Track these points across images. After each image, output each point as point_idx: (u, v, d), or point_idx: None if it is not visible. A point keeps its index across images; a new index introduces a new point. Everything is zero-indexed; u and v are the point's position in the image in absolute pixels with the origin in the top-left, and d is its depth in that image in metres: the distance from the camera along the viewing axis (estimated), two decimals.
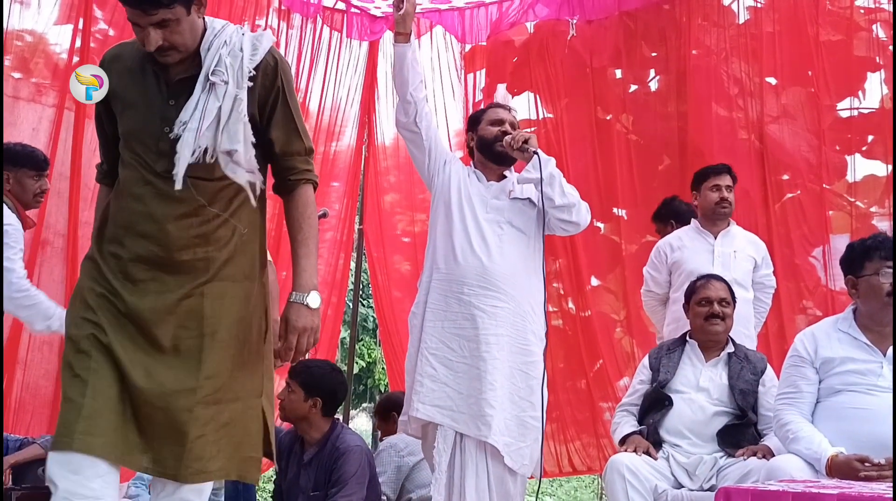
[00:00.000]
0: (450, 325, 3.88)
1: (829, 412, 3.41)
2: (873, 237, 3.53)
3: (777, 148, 5.83)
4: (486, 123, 4.11)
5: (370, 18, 7.32)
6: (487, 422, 3.74)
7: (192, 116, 2.52)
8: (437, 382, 3.83)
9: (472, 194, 4.02)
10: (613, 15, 6.50)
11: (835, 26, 5.78)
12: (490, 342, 3.82)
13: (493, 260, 3.90)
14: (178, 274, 2.57)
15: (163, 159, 2.54)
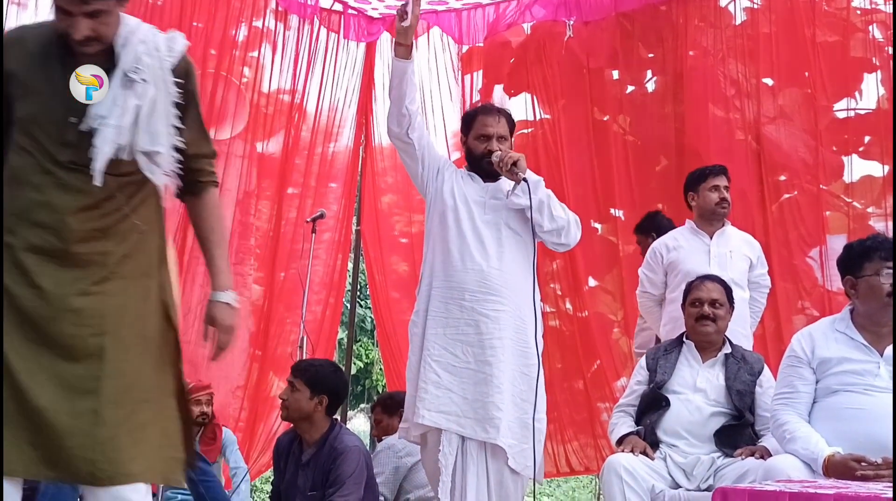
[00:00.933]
0: (452, 331, 3.88)
1: (826, 412, 3.42)
2: (872, 238, 3.53)
3: (774, 149, 5.84)
4: (473, 137, 4.09)
5: (367, 20, 7.32)
6: (496, 425, 3.77)
7: (112, 111, 2.47)
8: (441, 388, 3.83)
9: (468, 197, 4.02)
10: (610, 16, 6.51)
11: (831, 27, 5.80)
12: (495, 347, 3.84)
13: (492, 264, 3.91)
14: (74, 268, 2.49)
15: (67, 149, 2.48)
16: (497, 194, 4.03)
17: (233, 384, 6.65)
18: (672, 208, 5.91)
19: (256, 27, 6.89)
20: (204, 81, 6.53)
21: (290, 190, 6.99)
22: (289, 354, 6.37)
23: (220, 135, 6.63)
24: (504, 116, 4.16)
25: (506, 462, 3.82)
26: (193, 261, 6.45)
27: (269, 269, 6.82)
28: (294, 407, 4.19)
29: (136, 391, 2.50)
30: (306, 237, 6.22)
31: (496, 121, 4.10)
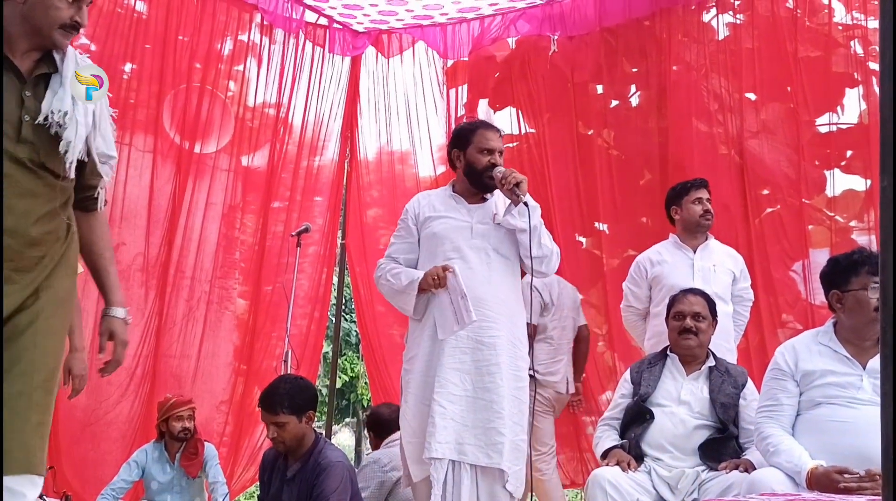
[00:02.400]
0: (450, 360, 3.89)
1: (810, 424, 3.43)
2: (859, 252, 3.54)
3: (757, 163, 5.87)
4: (476, 150, 4.10)
5: (352, 34, 7.34)
6: (499, 450, 3.81)
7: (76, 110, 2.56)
8: (445, 418, 3.84)
9: (453, 226, 4.04)
10: (594, 31, 6.54)
11: (813, 43, 5.83)
12: (493, 372, 3.87)
13: (485, 290, 3.92)
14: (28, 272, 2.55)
15: (24, 147, 2.53)
16: (484, 219, 4.04)
17: (217, 399, 6.62)
18: (656, 222, 5.94)
19: (242, 41, 6.89)
20: (189, 94, 6.54)
21: (276, 204, 6.99)
22: (273, 368, 6.35)
23: (205, 149, 6.63)
24: (500, 134, 4.22)
25: (502, 483, 3.83)
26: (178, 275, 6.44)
27: (255, 283, 6.81)
28: (290, 438, 4.12)
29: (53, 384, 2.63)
30: (291, 251, 6.21)
31: (497, 137, 4.17)
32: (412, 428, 3.96)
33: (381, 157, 7.50)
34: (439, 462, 3.81)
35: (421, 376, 3.96)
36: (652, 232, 5.85)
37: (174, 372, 6.42)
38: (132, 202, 6.29)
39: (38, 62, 2.60)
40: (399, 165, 7.47)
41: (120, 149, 6.26)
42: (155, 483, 5.23)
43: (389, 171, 7.48)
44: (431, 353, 3.94)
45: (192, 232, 6.53)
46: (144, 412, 6.12)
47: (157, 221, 6.39)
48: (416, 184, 7.28)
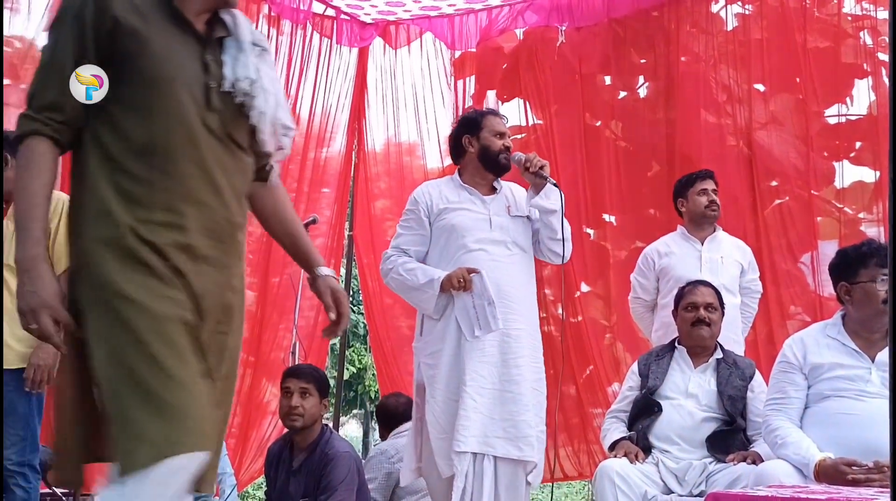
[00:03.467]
0: (478, 353, 3.87)
1: (818, 417, 3.43)
2: (868, 244, 3.53)
3: (765, 154, 5.85)
4: (490, 133, 4.10)
5: (360, 25, 7.33)
6: (530, 442, 3.84)
7: (263, 78, 2.29)
8: (476, 412, 3.83)
9: (472, 218, 4.03)
10: (602, 22, 6.51)
11: (822, 33, 5.81)
12: (519, 365, 3.89)
13: (508, 283, 3.92)
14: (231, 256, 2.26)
15: (214, 116, 2.22)
16: (500, 211, 4.04)
17: None
18: (663, 214, 5.93)
19: None
20: None
21: None
22: (282, 359, 6.35)
23: None
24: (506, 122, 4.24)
25: (524, 474, 3.84)
26: None
27: (263, 274, 6.81)
28: (310, 414, 4.13)
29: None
30: None
31: (505, 124, 4.18)
32: (441, 425, 3.90)
33: (389, 148, 7.49)
34: (464, 455, 3.80)
35: (448, 371, 3.91)
36: (659, 224, 5.84)
37: None
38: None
39: (211, 24, 2.30)
40: (407, 156, 7.46)
41: None
42: None
43: (397, 162, 7.47)
44: (458, 348, 3.90)
45: None
46: None
47: None
48: (423, 175, 7.27)
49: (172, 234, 2.12)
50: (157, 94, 2.15)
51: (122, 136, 2.14)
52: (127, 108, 2.15)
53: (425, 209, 4.11)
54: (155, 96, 2.15)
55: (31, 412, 4.01)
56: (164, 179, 2.13)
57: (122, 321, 2.04)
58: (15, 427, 3.94)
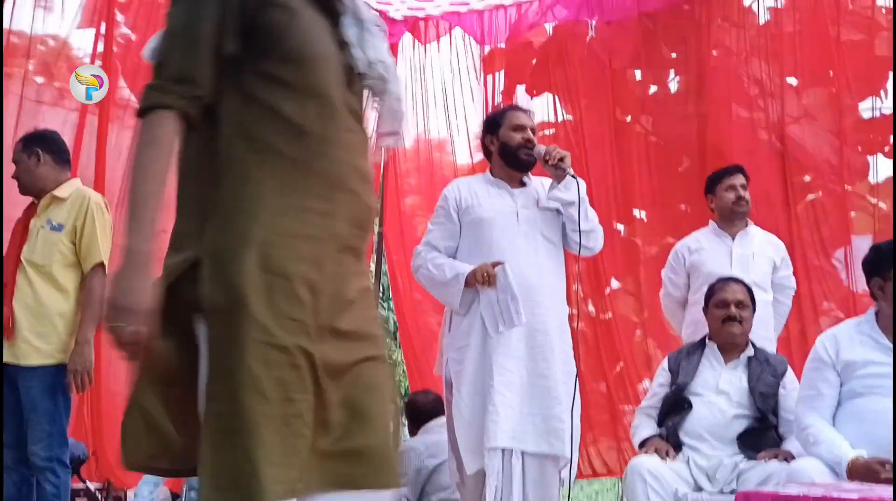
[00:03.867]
0: (505, 349, 3.86)
1: (851, 415, 3.40)
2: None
3: (798, 149, 5.79)
4: (508, 128, 4.09)
5: (389, 21, 7.32)
6: (561, 437, 3.81)
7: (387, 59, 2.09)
8: (506, 407, 3.81)
9: (498, 210, 4.02)
10: (633, 16, 6.48)
11: (856, 26, 5.75)
12: (547, 358, 3.86)
13: (535, 277, 3.91)
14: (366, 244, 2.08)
15: (354, 97, 2.02)
16: (528, 204, 4.02)
17: None
18: (694, 209, 5.89)
19: None
20: None
21: None
22: None
23: None
24: (530, 115, 4.21)
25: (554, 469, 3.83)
26: None
27: None
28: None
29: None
30: None
31: (526, 116, 4.17)
32: (467, 420, 3.89)
33: (419, 145, 7.50)
34: (495, 451, 3.78)
35: (475, 366, 3.90)
36: (690, 219, 5.80)
37: None
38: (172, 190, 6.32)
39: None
40: (436, 152, 7.46)
41: None
42: None
43: (427, 158, 7.48)
44: (485, 343, 3.89)
45: None
46: None
47: None
48: (453, 171, 7.27)
49: (325, 223, 1.89)
50: (306, 71, 1.93)
51: (270, 114, 1.90)
52: (272, 84, 1.91)
53: (454, 205, 4.12)
54: (304, 74, 1.92)
55: (58, 409, 4.06)
56: (319, 163, 1.91)
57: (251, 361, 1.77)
58: (41, 423, 3.98)
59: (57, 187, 4.18)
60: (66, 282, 4.11)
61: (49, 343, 4.02)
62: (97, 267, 4.13)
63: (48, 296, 4.05)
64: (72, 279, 4.14)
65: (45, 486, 3.98)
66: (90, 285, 4.13)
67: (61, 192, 4.17)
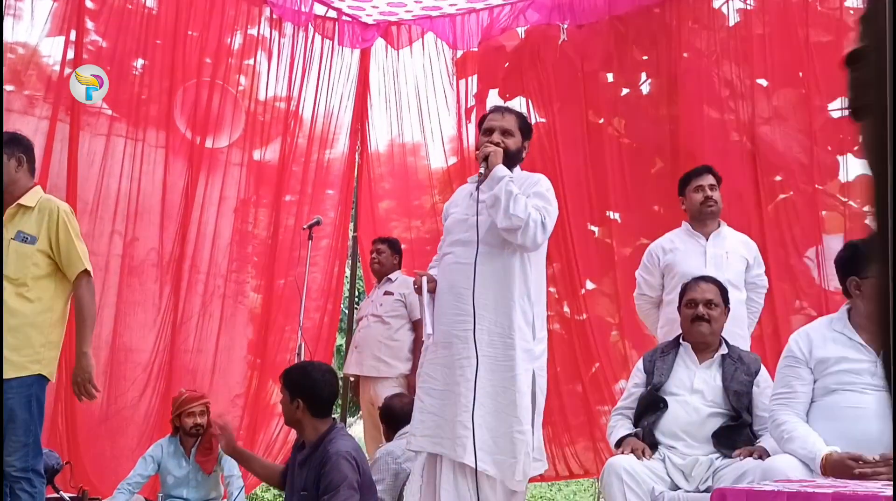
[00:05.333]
0: (431, 356, 3.98)
1: (824, 411, 3.42)
2: None
3: (769, 149, 5.84)
4: (481, 132, 4.13)
5: (361, 26, 7.34)
6: (462, 443, 3.78)
7: None
8: (424, 412, 3.92)
9: (454, 219, 4.08)
10: (604, 19, 6.52)
11: (825, 27, 5.80)
12: (463, 366, 3.85)
13: (465, 284, 3.89)
14: None
15: None
16: (482, 209, 3.97)
17: (233, 393, 6.66)
18: (668, 210, 5.93)
19: (251, 35, 6.91)
20: (200, 89, 6.56)
21: (288, 197, 7.01)
22: (288, 361, 6.37)
23: (217, 143, 6.66)
24: (513, 114, 4.20)
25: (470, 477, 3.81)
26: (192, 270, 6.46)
27: (268, 277, 6.83)
28: (284, 413, 4.26)
29: None
30: (304, 245, 6.23)
31: (500, 116, 4.14)
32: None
33: (393, 149, 7.51)
34: (419, 454, 3.93)
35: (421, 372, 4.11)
36: (664, 220, 5.83)
37: (190, 367, 6.46)
38: (145, 198, 6.32)
39: None
40: (410, 156, 7.47)
41: (133, 144, 6.29)
42: (171, 477, 5.26)
43: (401, 163, 7.49)
44: (427, 350, 4.08)
45: (205, 227, 6.56)
46: (161, 407, 6.16)
47: (171, 216, 6.42)
48: (427, 175, 7.29)
49: None
50: None
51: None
52: None
53: (445, 214, 4.27)
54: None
55: (33, 419, 4.03)
56: None
57: None
58: (17, 434, 3.95)
59: (23, 195, 4.14)
60: (40, 293, 4.08)
61: (23, 355, 3.98)
62: (81, 275, 4.12)
63: (21, 308, 4.01)
64: (45, 290, 4.10)
65: (20, 496, 3.95)
66: (78, 295, 4.13)
67: (28, 200, 4.13)
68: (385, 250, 6.28)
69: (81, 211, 5.56)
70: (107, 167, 6.17)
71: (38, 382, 4.04)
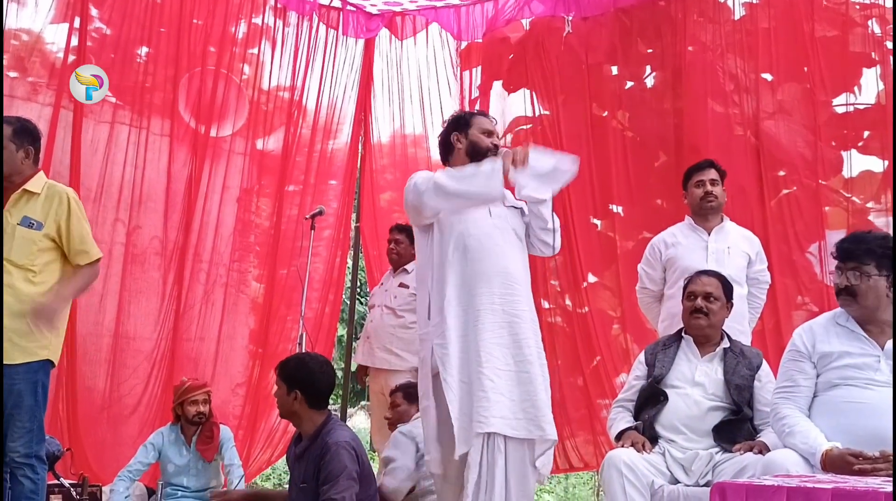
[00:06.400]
0: (490, 335, 3.84)
1: (827, 406, 3.42)
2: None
3: (773, 144, 5.83)
4: (479, 131, 4.11)
5: (366, 16, 7.33)
6: (550, 421, 3.79)
7: None
8: (497, 393, 3.78)
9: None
10: (609, 11, 6.50)
11: (830, 22, 5.79)
12: (529, 345, 3.86)
13: (512, 266, 3.93)
14: None
15: None
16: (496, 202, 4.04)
17: (234, 382, 6.67)
18: (671, 204, 5.92)
19: (256, 24, 6.90)
20: (204, 78, 6.56)
21: (291, 187, 7.00)
22: (289, 351, 6.37)
23: (220, 132, 6.66)
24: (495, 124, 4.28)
25: (530, 460, 3.82)
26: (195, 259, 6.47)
27: (270, 266, 6.83)
28: (279, 404, 4.24)
29: None
30: (306, 235, 6.22)
31: (494, 124, 4.21)
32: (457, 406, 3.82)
33: (395, 140, 7.50)
34: (478, 439, 3.75)
35: (459, 352, 3.87)
36: (667, 214, 5.83)
37: (192, 355, 6.47)
38: (149, 186, 6.33)
39: None
40: (412, 148, 7.46)
41: (137, 132, 6.30)
42: (171, 465, 5.27)
43: (403, 154, 7.48)
44: (465, 329, 3.87)
45: (208, 216, 6.57)
46: (162, 394, 6.17)
47: (174, 204, 6.43)
48: (429, 167, 7.27)
49: None
50: None
51: None
52: None
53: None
54: None
55: (38, 405, 4.04)
56: None
57: None
58: (21, 420, 3.96)
59: (27, 181, 4.15)
60: (46, 279, 4.10)
61: (31, 341, 4.00)
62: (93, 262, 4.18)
63: (28, 294, 4.02)
64: (52, 275, 4.12)
65: (22, 482, 3.96)
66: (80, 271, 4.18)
67: (33, 186, 4.14)
68: (403, 241, 6.15)
69: (84, 199, 5.55)
70: (110, 155, 6.17)
71: (44, 368, 4.06)
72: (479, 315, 3.86)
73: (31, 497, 3.99)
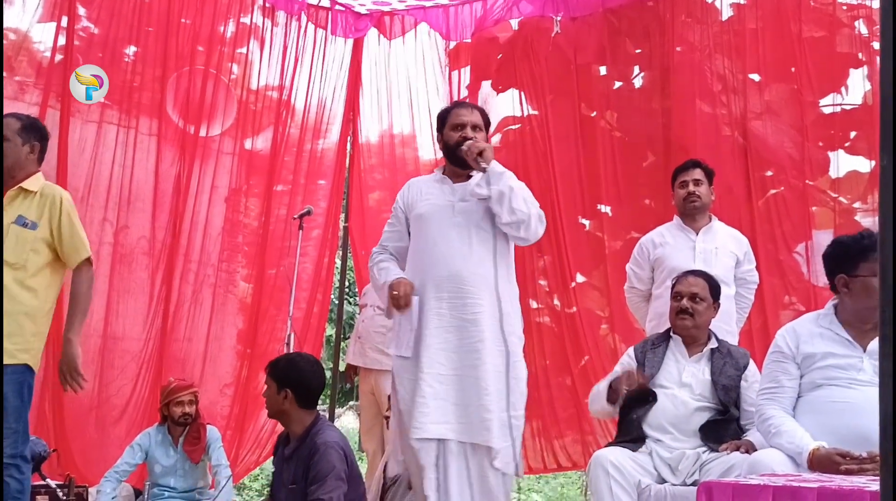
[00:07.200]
0: (435, 341, 3.88)
1: (811, 406, 3.43)
2: (868, 236, 3.49)
3: (760, 144, 5.85)
4: (449, 128, 4.10)
5: (354, 16, 7.32)
6: (488, 427, 3.79)
7: None
8: (436, 399, 3.83)
9: (436, 206, 4.04)
10: (597, 12, 6.52)
11: (817, 23, 5.81)
12: (478, 350, 3.85)
13: (464, 267, 3.91)
14: None
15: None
16: (466, 196, 4.01)
17: (222, 382, 6.65)
18: (659, 204, 5.93)
19: (244, 23, 6.89)
20: (192, 77, 6.54)
21: (279, 187, 6.99)
22: (278, 351, 6.36)
23: (209, 132, 6.64)
24: (477, 110, 4.21)
25: (489, 461, 3.83)
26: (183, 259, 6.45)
27: (258, 266, 6.82)
28: (268, 403, 4.24)
29: None
30: (294, 235, 6.22)
31: (469, 112, 4.16)
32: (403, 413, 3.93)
33: (384, 140, 7.50)
34: (429, 443, 3.81)
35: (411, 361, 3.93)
36: (655, 214, 5.85)
37: (179, 356, 6.45)
38: (136, 186, 6.31)
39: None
40: (401, 148, 7.46)
41: (125, 132, 6.28)
42: (158, 466, 5.25)
43: (391, 154, 7.48)
44: (419, 338, 3.92)
45: (197, 216, 6.56)
46: (150, 395, 6.15)
47: (162, 204, 6.41)
48: (417, 167, 7.28)
49: None
50: None
51: None
52: None
53: (402, 205, 4.19)
54: None
55: (24, 406, 4.03)
56: None
57: None
58: (8, 421, 3.94)
59: (26, 179, 4.14)
60: (37, 282, 4.07)
61: (13, 343, 3.97)
62: (83, 264, 4.14)
63: (18, 295, 4.00)
64: (42, 278, 4.10)
65: (8, 482, 3.94)
66: (77, 281, 4.15)
67: (31, 185, 4.13)
68: None
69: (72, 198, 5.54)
70: (98, 155, 6.16)
71: (28, 370, 4.04)
72: (428, 322, 3.91)
73: (17, 497, 3.97)
